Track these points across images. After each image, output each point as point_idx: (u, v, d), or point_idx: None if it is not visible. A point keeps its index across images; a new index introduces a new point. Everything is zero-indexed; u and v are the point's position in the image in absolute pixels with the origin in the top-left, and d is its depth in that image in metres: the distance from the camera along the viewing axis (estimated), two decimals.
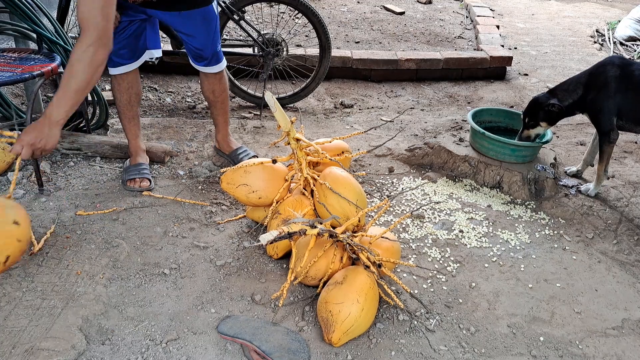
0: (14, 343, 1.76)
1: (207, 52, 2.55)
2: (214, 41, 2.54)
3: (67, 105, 1.93)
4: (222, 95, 2.75)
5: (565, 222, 2.63)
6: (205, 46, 2.53)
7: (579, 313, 2.10)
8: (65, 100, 1.92)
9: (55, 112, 1.93)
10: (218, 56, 2.62)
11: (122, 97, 2.61)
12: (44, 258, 2.13)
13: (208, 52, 2.56)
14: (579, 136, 3.56)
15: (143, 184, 2.60)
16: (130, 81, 2.60)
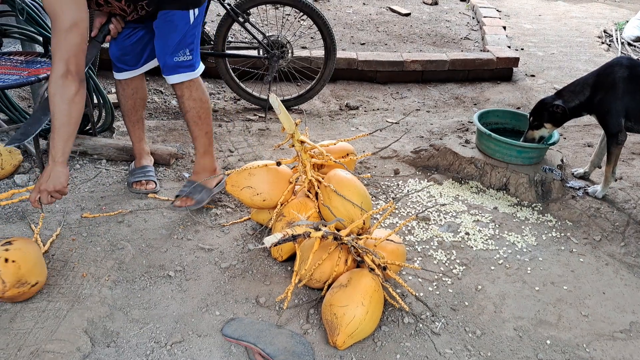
0: (19, 345, 1.76)
1: (160, 59, 2.29)
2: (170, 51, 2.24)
3: (60, 143, 1.93)
4: (188, 114, 2.39)
5: (572, 225, 2.61)
6: (160, 52, 2.26)
7: (586, 316, 2.08)
8: (57, 139, 1.92)
9: (54, 152, 1.94)
10: (170, 70, 2.29)
11: (127, 102, 2.58)
12: (50, 260, 2.13)
13: (161, 60, 2.28)
14: (587, 137, 3.53)
15: (149, 187, 2.60)
16: (135, 87, 2.55)
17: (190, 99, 2.34)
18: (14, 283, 1.85)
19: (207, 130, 2.44)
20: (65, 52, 1.84)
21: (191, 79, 2.31)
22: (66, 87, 1.87)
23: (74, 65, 1.86)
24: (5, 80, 2.44)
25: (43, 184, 1.95)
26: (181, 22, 2.20)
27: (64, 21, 1.80)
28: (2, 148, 2.60)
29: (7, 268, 1.84)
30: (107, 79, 3.95)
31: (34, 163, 2.75)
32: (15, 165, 2.64)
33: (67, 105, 1.89)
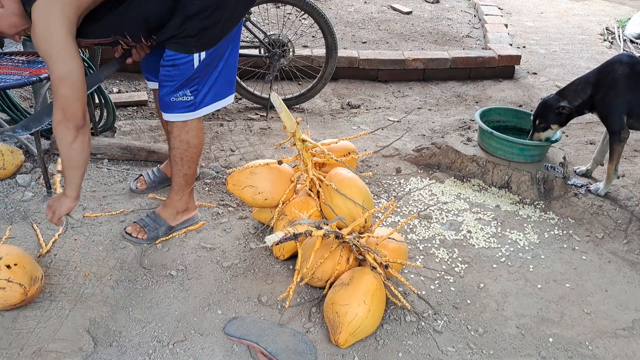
0: (22, 345, 1.77)
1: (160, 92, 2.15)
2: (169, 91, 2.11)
3: (67, 180, 2.02)
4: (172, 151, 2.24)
5: (574, 222, 2.60)
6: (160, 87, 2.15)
7: (589, 314, 2.07)
8: (65, 177, 2.03)
9: (67, 189, 2.04)
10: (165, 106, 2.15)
11: (157, 111, 2.54)
12: (52, 260, 2.14)
13: (160, 93, 2.15)
14: (589, 135, 3.53)
15: (138, 185, 2.62)
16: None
17: (177, 139, 2.19)
18: (29, 282, 1.87)
19: (186, 172, 2.27)
20: (59, 102, 1.85)
21: (184, 121, 2.15)
22: (64, 133, 1.90)
23: (69, 114, 1.87)
24: (7, 81, 2.44)
25: (52, 203, 2.07)
26: (184, 65, 2.03)
27: (54, 73, 1.82)
28: (4, 148, 2.61)
29: (16, 272, 1.85)
30: (108, 78, 3.95)
31: (35, 163, 2.75)
32: (17, 165, 2.65)
33: (67, 150, 1.93)
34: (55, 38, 1.78)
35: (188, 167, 2.26)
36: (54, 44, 1.79)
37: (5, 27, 1.88)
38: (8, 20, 1.86)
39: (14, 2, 1.83)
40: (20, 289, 1.83)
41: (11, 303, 1.84)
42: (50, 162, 2.75)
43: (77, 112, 1.88)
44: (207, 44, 2.02)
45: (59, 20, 1.77)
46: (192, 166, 2.27)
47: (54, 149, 2.82)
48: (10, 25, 1.88)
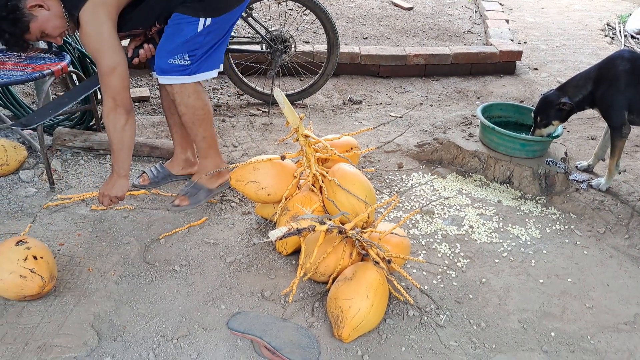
0: (26, 340, 1.78)
1: (156, 58, 2.27)
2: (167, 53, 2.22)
3: (120, 162, 2.24)
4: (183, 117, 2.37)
5: (576, 217, 2.61)
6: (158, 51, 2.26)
7: (591, 308, 2.08)
8: (116, 158, 2.24)
9: (117, 168, 2.26)
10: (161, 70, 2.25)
11: (162, 102, 2.57)
12: (56, 255, 2.15)
13: (157, 59, 2.26)
14: (590, 130, 3.53)
15: (141, 181, 2.63)
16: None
17: (181, 105, 2.30)
18: (49, 277, 1.89)
19: (204, 135, 2.40)
20: (110, 91, 2.11)
21: (182, 84, 2.25)
22: (117, 119, 2.15)
23: (120, 100, 2.13)
24: (10, 77, 2.45)
25: (106, 190, 2.28)
26: (188, 27, 2.17)
27: (104, 66, 2.07)
28: (7, 144, 2.61)
29: (40, 264, 1.87)
30: None
31: (38, 159, 2.75)
32: (20, 161, 2.65)
33: (120, 134, 2.18)
34: (104, 36, 2.03)
35: (204, 130, 2.39)
36: (103, 41, 2.04)
37: (50, 28, 2.05)
38: (53, 22, 2.04)
39: (57, 5, 2.03)
40: (40, 281, 1.86)
41: (26, 294, 1.86)
42: (53, 157, 2.75)
43: (126, 98, 2.15)
44: (214, 11, 2.18)
45: (105, 21, 2.02)
46: (207, 128, 2.40)
47: (56, 145, 2.82)
48: (54, 27, 2.05)
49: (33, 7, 1.99)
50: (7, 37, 2.01)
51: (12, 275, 1.83)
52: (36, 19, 2.01)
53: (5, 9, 1.95)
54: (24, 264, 1.85)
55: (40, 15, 2.01)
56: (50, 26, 2.05)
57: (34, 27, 2.02)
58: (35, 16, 2.01)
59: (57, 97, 2.35)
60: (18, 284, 1.84)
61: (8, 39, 2.02)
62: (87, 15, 2.00)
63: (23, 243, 1.91)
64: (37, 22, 2.02)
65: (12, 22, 1.98)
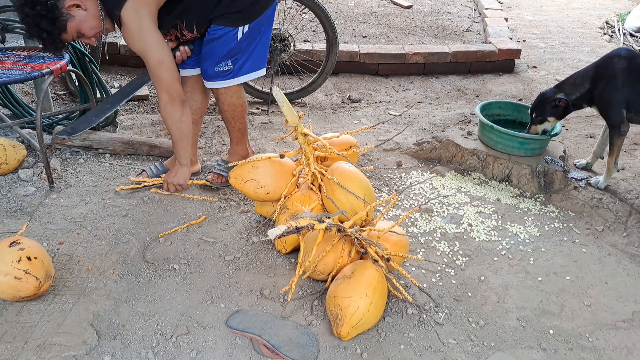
0: (26, 338, 1.78)
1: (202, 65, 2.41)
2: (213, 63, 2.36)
3: (181, 151, 2.41)
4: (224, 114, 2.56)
5: (574, 215, 2.61)
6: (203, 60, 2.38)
7: (589, 306, 2.09)
8: (178, 148, 2.40)
9: (179, 157, 2.44)
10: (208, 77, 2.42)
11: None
12: (55, 254, 2.15)
13: (202, 65, 2.41)
14: (589, 128, 3.53)
15: (140, 176, 2.65)
16: (192, 86, 2.55)
17: (224, 104, 2.50)
18: (44, 277, 1.89)
19: (240, 127, 2.62)
20: (163, 85, 2.20)
21: (227, 87, 2.44)
22: (174, 111, 2.26)
23: (174, 93, 2.23)
24: (9, 76, 2.45)
25: (170, 178, 2.49)
26: (228, 37, 2.29)
27: (153, 61, 2.14)
28: (6, 143, 2.61)
29: (34, 265, 1.87)
30: (109, 73, 3.95)
31: (37, 158, 2.76)
32: (20, 160, 2.65)
33: (178, 125, 2.31)
34: (148, 32, 2.10)
35: (240, 123, 2.60)
36: (148, 38, 2.11)
37: (87, 28, 2.09)
38: (90, 23, 2.08)
39: (94, 5, 2.08)
40: (35, 282, 1.85)
41: (22, 295, 1.86)
42: (52, 156, 2.75)
43: (179, 90, 2.24)
44: (250, 18, 2.29)
45: (147, 17, 2.08)
46: (242, 121, 2.60)
47: (55, 144, 2.83)
48: (90, 27, 2.10)
49: (71, 7, 2.03)
50: (45, 36, 2.04)
51: (6, 278, 1.82)
52: (73, 19, 2.04)
53: (45, 8, 1.98)
54: (18, 265, 1.83)
55: (78, 15, 2.05)
56: (86, 26, 2.08)
57: (71, 26, 2.05)
58: (72, 16, 2.04)
59: (99, 103, 2.46)
60: (13, 285, 1.83)
61: (45, 37, 2.05)
62: (129, 13, 2.05)
63: (17, 244, 1.89)
64: (75, 21, 2.05)
65: (51, 21, 2.01)
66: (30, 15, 1.99)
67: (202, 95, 2.62)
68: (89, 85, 2.82)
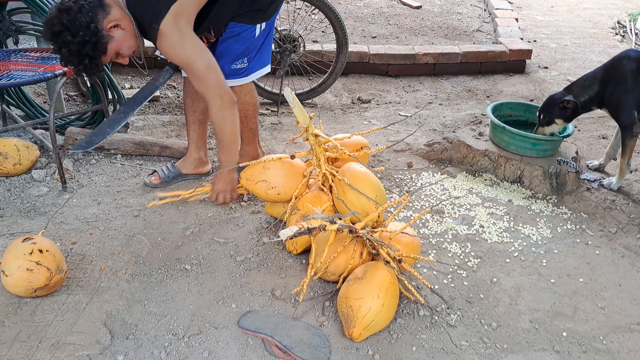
0: (40, 337, 1.79)
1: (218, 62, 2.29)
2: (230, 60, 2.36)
3: (232, 155, 2.34)
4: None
5: (587, 217, 2.59)
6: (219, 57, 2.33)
7: (603, 308, 2.07)
8: (227, 154, 2.33)
9: (226, 163, 2.33)
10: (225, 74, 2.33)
11: (186, 99, 2.59)
12: (69, 254, 2.16)
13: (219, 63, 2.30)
14: (601, 129, 3.51)
15: (153, 179, 2.63)
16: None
17: (238, 102, 2.43)
18: (56, 269, 1.91)
19: (252, 127, 2.63)
20: (213, 90, 2.16)
21: (242, 84, 2.45)
22: (228, 116, 2.23)
23: (225, 95, 2.19)
24: (22, 77, 2.47)
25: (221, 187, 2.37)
26: (247, 35, 2.30)
27: (200, 67, 2.12)
28: (20, 143, 2.63)
29: (45, 257, 1.90)
30: (120, 74, 3.97)
31: (50, 158, 2.78)
32: (33, 161, 2.67)
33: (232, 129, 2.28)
34: (190, 41, 2.09)
35: (252, 122, 2.62)
36: (191, 46, 2.09)
37: (125, 48, 2.08)
38: (128, 42, 2.08)
39: (130, 23, 2.07)
40: (47, 273, 1.88)
41: (35, 286, 1.88)
42: (64, 157, 2.77)
43: (230, 91, 2.22)
44: (268, 16, 2.32)
45: (186, 27, 2.06)
46: (254, 120, 2.63)
47: (68, 145, 2.85)
48: (129, 47, 2.09)
49: (111, 28, 2.01)
50: (87, 61, 2.00)
51: (19, 270, 1.86)
52: (113, 40, 2.03)
53: (89, 32, 1.95)
54: (30, 257, 1.87)
55: (117, 35, 2.03)
56: (125, 46, 2.07)
57: (110, 47, 2.04)
58: (112, 37, 2.02)
59: (113, 113, 2.43)
60: (25, 277, 1.86)
61: (87, 63, 2.01)
62: (170, 26, 2.03)
63: (29, 240, 1.94)
64: (114, 42, 2.04)
65: (94, 45, 1.98)
66: (72, 42, 1.94)
67: None
68: (100, 87, 2.84)
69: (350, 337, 1.84)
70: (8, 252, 1.92)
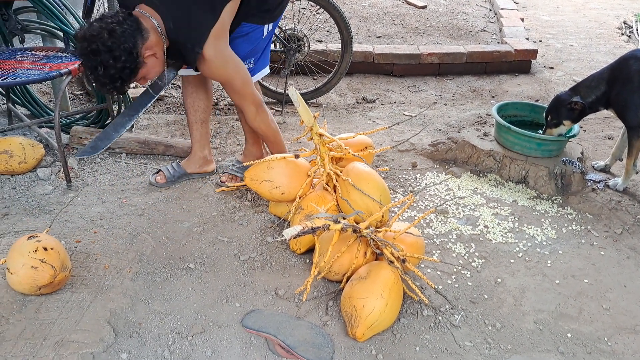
0: (44, 335, 1.80)
1: None
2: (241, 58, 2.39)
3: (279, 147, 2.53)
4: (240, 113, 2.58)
5: (592, 218, 2.58)
6: None
7: (608, 309, 2.06)
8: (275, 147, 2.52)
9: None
10: None
11: (186, 100, 2.58)
12: (73, 252, 2.17)
13: None
14: (607, 130, 3.49)
15: (158, 178, 2.63)
16: (196, 85, 2.53)
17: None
18: (60, 267, 1.92)
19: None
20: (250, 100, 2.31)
21: None
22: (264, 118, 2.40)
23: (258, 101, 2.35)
24: (28, 76, 2.48)
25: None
26: (255, 35, 2.34)
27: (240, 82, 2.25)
28: (25, 142, 2.64)
29: (50, 254, 1.91)
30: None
31: (55, 157, 2.79)
32: (38, 159, 2.68)
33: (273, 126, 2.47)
34: (230, 60, 2.19)
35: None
36: (231, 65, 2.20)
37: (153, 74, 2.13)
38: (157, 69, 2.12)
39: (161, 51, 2.10)
40: (51, 270, 1.89)
41: (39, 284, 1.88)
42: (69, 155, 2.78)
43: (258, 95, 2.37)
44: (276, 16, 2.36)
45: (226, 47, 2.16)
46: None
47: (73, 143, 2.85)
48: (155, 72, 2.15)
49: (148, 57, 2.04)
50: (119, 84, 2.02)
51: (24, 268, 1.87)
52: (145, 66, 2.05)
53: (130, 59, 1.96)
54: (35, 255, 1.88)
55: (150, 62, 2.06)
56: (153, 72, 2.11)
57: (141, 72, 2.06)
58: (145, 63, 2.04)
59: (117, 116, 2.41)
60: (30, 275, 1.87)
61: (118, 86, 2.02)
62: (212, 50, 2.09)
63: (34, 237, 1.95)
64: (145, 68, 2.06)
65: (132, 71, 2.00)
66: (112, 66, 1.94)
67: (207, 94, 2.60)
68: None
69: (353, 336, 1.84)
70: (13, 250, 1.92)
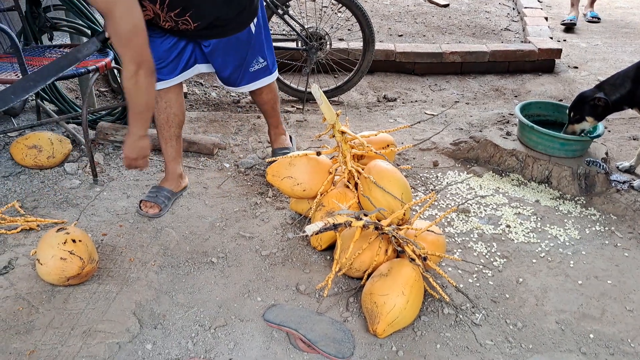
0: (72, 324, 1.85)
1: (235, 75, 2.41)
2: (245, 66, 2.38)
3: (138, 123, 2.06)
4: (266, 105, 2.68)
5: (616, 219, 2.55)
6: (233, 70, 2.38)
7: (631, 311, 2.04)
8: (139, 120, 2.05)
9: (133, 129, 2.06)
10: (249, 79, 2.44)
11: (159, 116, 2.41)
12: (99, 245, 2.22)
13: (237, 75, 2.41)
14: (632, 130, 3.44)
15: (151, 211, 2.41)
16: (169, 100, 2.37)
17: (268, 96, 2.60)
18: (88, 259, 1.98)
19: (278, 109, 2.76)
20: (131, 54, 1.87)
21: (269, 84, 2.53)
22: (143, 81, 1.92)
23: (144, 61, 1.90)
24: None
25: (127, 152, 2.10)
26: (244, 38, 2.30)
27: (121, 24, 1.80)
28: (53, 137, 2.71)
29: (78, 247, 1.96)
30: None
31: (82, 152, 2.85)
32: (65, 154, 2.75)
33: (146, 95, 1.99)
34: None
35: (278, 105, 2.74)
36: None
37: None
38: None
39: None
40: (79, 262, 1.94)
41: (67, 275, 1.94)
42: (96, 151, 2.84)
43: (150, 56, 1.91)
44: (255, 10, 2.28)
45: None
46: (278, 103, 2.76)
47: (99, 139, 2.91)
48: None
49: None
50: None
51: (53, 259, 1.92)
52: None
53: None
54: (64, 247, 1.94)
55: None
56: None
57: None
58: None
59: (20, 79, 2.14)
60: (59, 266, 1.92)
61: None
62: None
63: (63, 230, 2.00)
64: None
65: None
66: None
67: (181, 108, 2.44)
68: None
69: (374, 333, 1.85)
70: (43, 242, 1.98)
